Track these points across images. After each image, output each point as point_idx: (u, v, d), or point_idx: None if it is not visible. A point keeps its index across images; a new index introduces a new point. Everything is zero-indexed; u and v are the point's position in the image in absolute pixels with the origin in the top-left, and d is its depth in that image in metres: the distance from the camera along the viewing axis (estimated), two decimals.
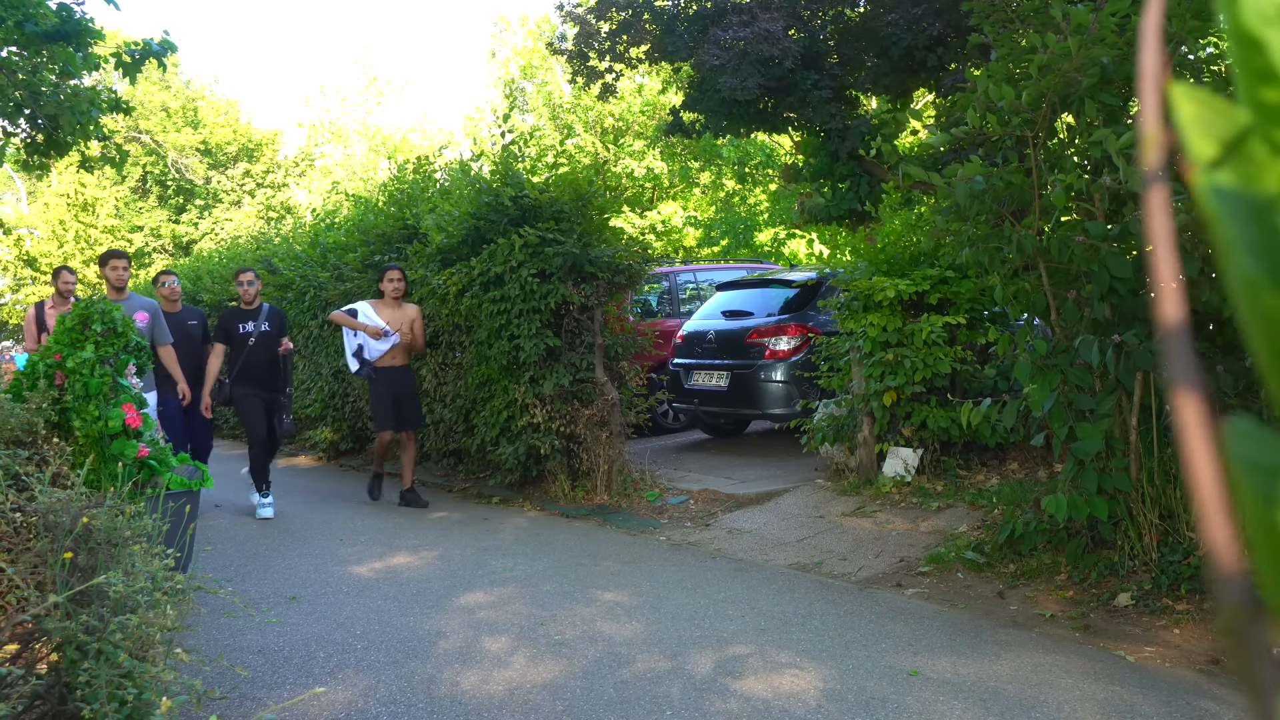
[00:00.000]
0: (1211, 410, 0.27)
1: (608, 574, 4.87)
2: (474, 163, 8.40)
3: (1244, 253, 0.26)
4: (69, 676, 2.17)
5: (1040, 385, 4.27)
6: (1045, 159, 4.29)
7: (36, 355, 4.14)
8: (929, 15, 9.49)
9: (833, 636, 3.82)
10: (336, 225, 10.41)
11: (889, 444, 6.47)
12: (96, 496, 2.78)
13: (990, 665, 3.47)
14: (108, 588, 2.25)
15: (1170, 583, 3.99)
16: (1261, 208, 0.27)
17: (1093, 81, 3.90)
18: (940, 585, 4.54)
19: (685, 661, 3.56)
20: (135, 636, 2.21)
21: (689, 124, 11.64)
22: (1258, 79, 0.27)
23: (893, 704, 3.12)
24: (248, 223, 29.05)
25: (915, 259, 6.58)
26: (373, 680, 3.44)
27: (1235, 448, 0.27)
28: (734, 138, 14.61)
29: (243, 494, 7.30)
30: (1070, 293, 4.23)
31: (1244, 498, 0.26)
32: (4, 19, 7.01)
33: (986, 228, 4.35)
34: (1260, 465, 0.27)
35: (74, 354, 4.03)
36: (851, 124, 10.62)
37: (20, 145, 8.34)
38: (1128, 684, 3.27)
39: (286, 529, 6.24)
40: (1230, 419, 0.28)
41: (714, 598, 4.39)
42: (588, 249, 6.70)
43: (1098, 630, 3.83)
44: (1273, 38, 0.26)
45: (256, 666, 3.58)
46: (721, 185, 22.44)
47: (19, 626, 2.27)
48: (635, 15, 10.98)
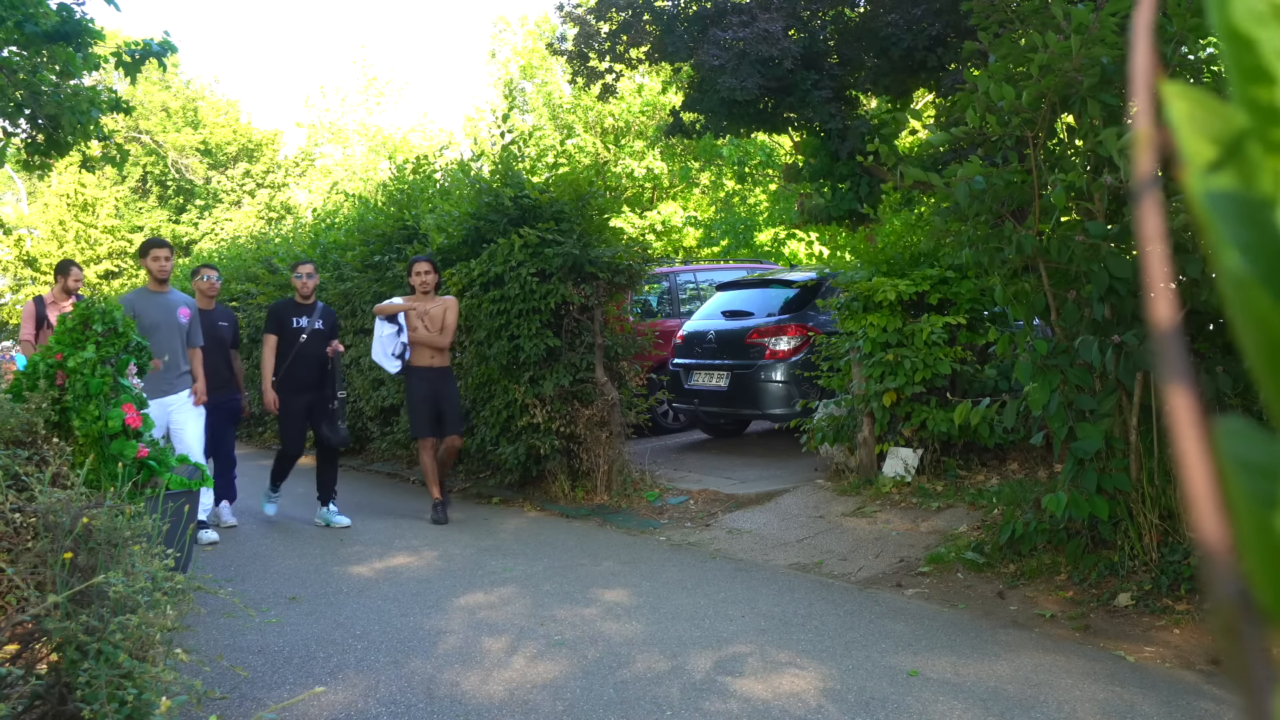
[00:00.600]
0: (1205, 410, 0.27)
1: (608, 574, 4.87)
2: (474, 163, 8.40)
3: (1237, 253, 0.26)
4: (69, 676, 2.17)
5: (1040, 385, 4.27)
6: (1045, 159, 4.29)
7: (38, 355, 4.15)
8: (929, 15, 9.49)
9: (833, 636, 3.82)
10: (336, 225, 10.42)
11: (889, 444, 6.47)
12: (96, 496, 2.78)
13: (990, 665, 3.47)
14: (108, 588, 2.25)
15: (1170, 583, 3.99)
16: (1255, 208, 0.27)
17: (1093, 81, 3.90)
18: (940, 585, 4.54)
19: (685, 661, 3.56)
20: (135, 636, 2.21)
21: (689, 124, 11.64)
22: (1249, 78, 0.27)
23: (893, 704, 3.12)
24: (248, 223, 29.06)
25: (915, 259, 6.58)
26: (373, 680, 3.44)
27: (1228, 447, 0.27)
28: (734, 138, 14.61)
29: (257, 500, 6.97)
30: (1070, 293, 4.23)
31: (1237, 498, 0.26)
32: (4, 19, 7.01)
33: (986, 228, 4.35)
34: (1254, 465, 0.27)
35: (75, 354, 4.03)
36: (851, 124, 10.61)
37: (20, 145, 8.35)
38: (1128, 684, 3.27)
39: (286, 529, 6.24)
40: (1223, 418, 0.28)
41: (714, 598, 4.39)
42: (588, 249, 6.70)
43: (1098, 630, 3.83)
44: (1264, 36, 0.26)
45: (256, 666, 3.58)
46: (721, 185, 22.43)
47: (19, 626, 2.27)
48: (635, 16, 10.98)
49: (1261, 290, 0.26)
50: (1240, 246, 0.26)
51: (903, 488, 6.19)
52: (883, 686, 3.28)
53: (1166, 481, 4.19)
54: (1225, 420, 0.27)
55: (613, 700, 3.20)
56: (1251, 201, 0.27)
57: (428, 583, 4.81)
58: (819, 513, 5.98)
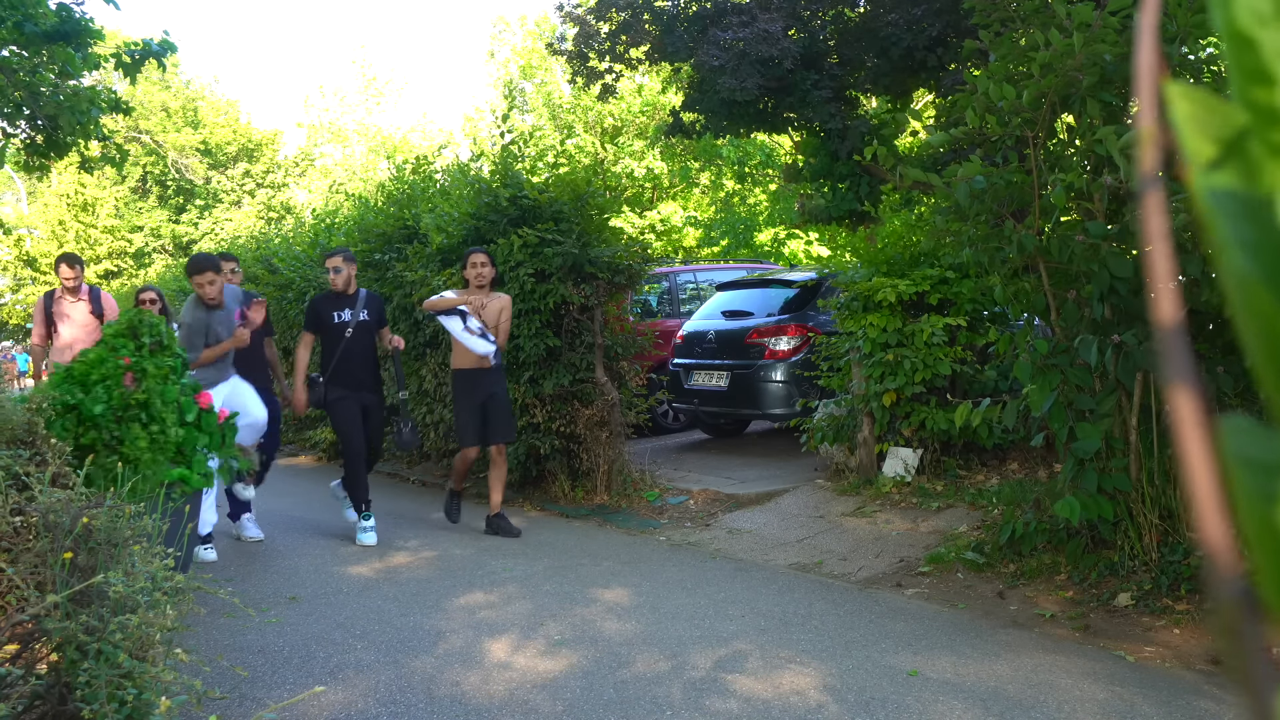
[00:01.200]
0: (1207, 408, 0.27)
1: (607, 574, 4.87)
2: (473, 163, 8.40)
3: (1240, 252, 0.26)
4: (69, 676, 2.17)
5: (1040, 385, 4.27)
6: (1045, 159, 4.29)
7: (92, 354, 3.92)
8: (929, 15, 9.49)
9: (833, 636, 3.82)
10: (336, 225, 10.42)
11: (889, 444, 6.47)
12: (97, 497, 2.78)
13: (990, 665, 3.47)
14: (107, 588, 2.26)
15: (1170, 583, 3.99)
16: (1258, 207, 0.27)
17: (1094, 80, 3.90)
18: (940, 585, 4.54)
19: (685, 661, 3.56)
20: (135, 637, 2.21)
21: (689, 124, 11.64)
22: (1251, 79, 0.27)
23: (893, 704, 3.12)
24: (248, 223, 29.06)
25: (915, 259, 6.58)
26: (373, 680, 3.44)
27: (1231, 444, 0.27)
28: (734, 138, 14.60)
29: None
30: (1070, 293, 4.23)
31: (1241, 496, 0.26)
32: (4, 19, 7.00)
33: (986, 228, 4.35)
34: (1257, 462, 0.27)
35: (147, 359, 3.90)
36: (851, 124, 10.61)
37: (20, 146, 8.34)
38: (1128, 684, 3.27)
39: (286, 529, 6.24)
40: (1226, 416, 0.28)
41: (714, 598, 4.39)
42: (587, 249, 6.70)
43: (1098, 630, 3.83)
44: (1266, 38, 0.27)
45: (256, 666, 3.58)
46: (721, 185, 22.44)
47: (19, 626, 2.27)
48: (635, 16, 10.98)
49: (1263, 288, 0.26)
50: (1242, 245, 0.27)
51: (903, 488, 6.19)
52: (883, 686, 3.28)
53: (1166, 481, 4.19)
54: (1228, 418, 0.28)
55: (613, 700, 3.20)
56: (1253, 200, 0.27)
57: (428, 583, 4.80)
58: (819, 513, 5.98)
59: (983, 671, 3.41)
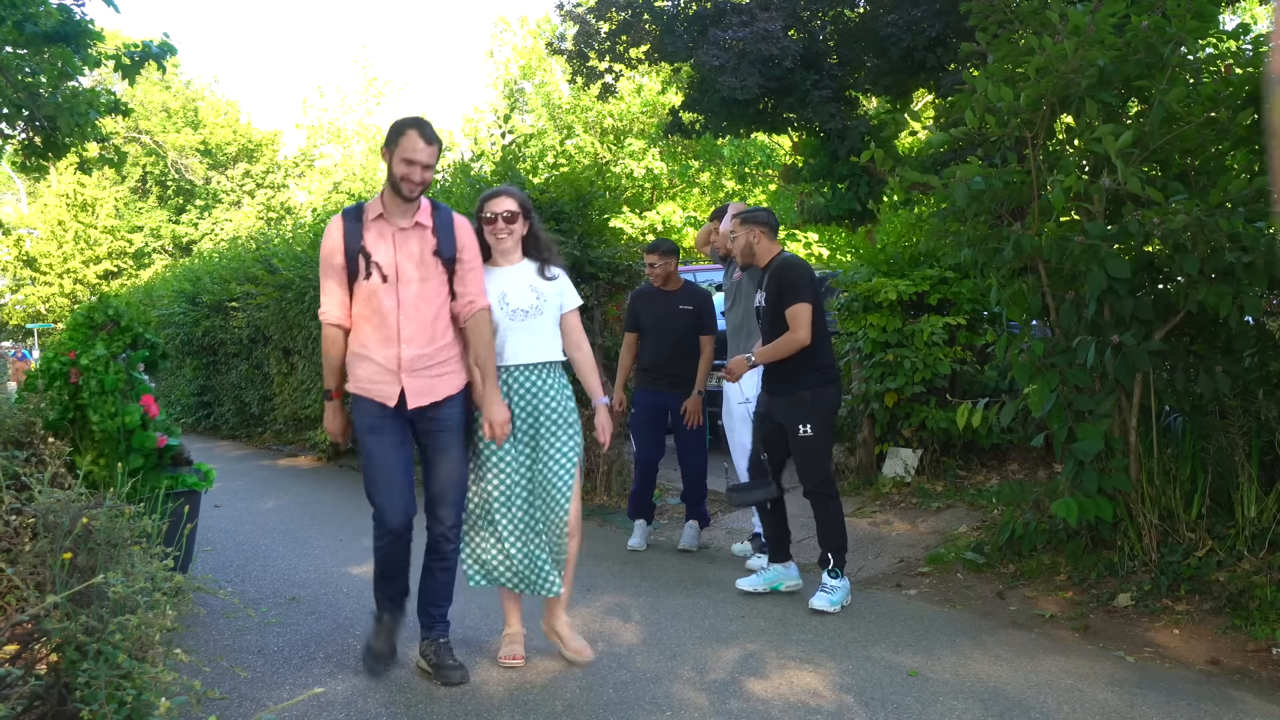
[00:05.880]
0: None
1: (608, 574, 4.87)
2: (474, 163, 8.40)
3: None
4: (68, 677, 2.17)
5: (1039, 386, 4.27)
6: (1044, 160, 4.29)
7: (50, 353, 4.16)
8: (928, 16, 9.49)
9: (832, 637, 3.82)
10: None
11: (889, 444, 6.47)
12: (96, 497, 2.78)
13: (990, 665, 3.47)
14: (107, 588, 2.25)
15: (1170, 583, 3.99)
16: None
17: (1092, 81, 3.90)
18: (940, 585, 4.55)
19: (685, 662, 3.56)
20: (135, 637, 2.20)
21: (689, 124, 11.64)
22: None
23: (893, 704, 3.12)
24: (248, 223, 29.06)
25: (915, 259, 6.58)
26: (373, 680, 3.44)
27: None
28: (734, 138, 14.61)
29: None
30: (1069, 293, 4.23)
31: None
32: (4, 19, 7.00)
33: (985, 228, 4.35)
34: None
35: (87, 351, 4.03)
36: (851, 124, 10.61)
37: (18, 146, 8.34)
38: (1128, 684, 3.27)
39: (286, 529, 6.24)
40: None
41: (714, 598, 4.39)
42: (588, 249, 6.70)
43: (1098, 630, 3.83)
44: None
45: (256, 667, 3.58)
46: (721, 185, 22.43)
47: (18, 627, 2.27)
48: (635, 15, 10.98)
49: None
50: None
51: (902, 488, 6.19)
52: (882, 686, 3.28)
53: (1166, 482, 4.19)
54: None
55: (613, 700, 3.20)
56: None
57: None
58: None
59: (983, 671, 3.41)
